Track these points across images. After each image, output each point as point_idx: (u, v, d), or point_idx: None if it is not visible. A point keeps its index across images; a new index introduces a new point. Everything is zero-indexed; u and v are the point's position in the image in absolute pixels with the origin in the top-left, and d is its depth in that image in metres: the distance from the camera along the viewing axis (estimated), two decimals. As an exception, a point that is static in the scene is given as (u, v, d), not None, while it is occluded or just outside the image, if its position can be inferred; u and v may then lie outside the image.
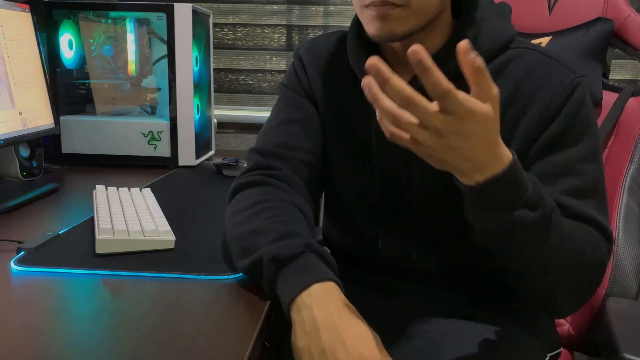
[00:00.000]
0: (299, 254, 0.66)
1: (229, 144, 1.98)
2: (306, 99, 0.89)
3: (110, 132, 1.46)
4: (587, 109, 0.76)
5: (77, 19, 1.51)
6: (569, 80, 0.75)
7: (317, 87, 0.88)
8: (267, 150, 0.85)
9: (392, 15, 0.71)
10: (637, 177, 1.05)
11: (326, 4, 1.90)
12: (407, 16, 0.71)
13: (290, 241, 0.68)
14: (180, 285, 0.71)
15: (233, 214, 0.79)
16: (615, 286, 1.03)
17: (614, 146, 1.11)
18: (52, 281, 0.71)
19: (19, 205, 1.04)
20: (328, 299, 0.62)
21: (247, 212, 0.76)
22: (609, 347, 0.83)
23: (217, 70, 1.98)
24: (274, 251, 0.67)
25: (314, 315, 0.60)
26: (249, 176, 0.83)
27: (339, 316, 0.60)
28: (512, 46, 0.79)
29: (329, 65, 0.88)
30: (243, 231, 0.74)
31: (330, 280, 0.65)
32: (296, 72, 0.91)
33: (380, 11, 0.71)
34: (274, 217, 0.73)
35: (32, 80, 1.24)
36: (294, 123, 0.87)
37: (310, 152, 0.86)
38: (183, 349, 0.55)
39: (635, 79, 1.78)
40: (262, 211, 0.75)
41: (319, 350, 0.58)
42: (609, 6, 1.13)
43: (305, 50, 0.91)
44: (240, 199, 0.80)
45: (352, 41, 0.84)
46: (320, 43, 0.91)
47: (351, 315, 0.61)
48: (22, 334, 0.58)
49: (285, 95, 0.91)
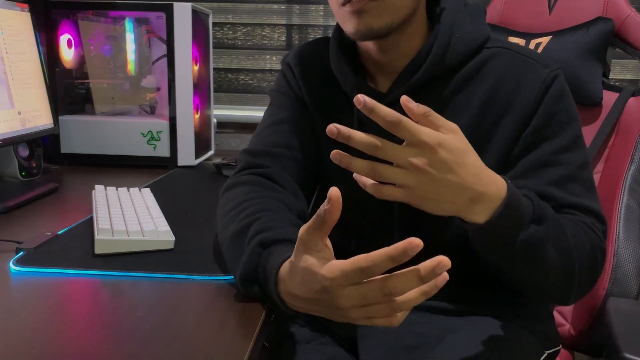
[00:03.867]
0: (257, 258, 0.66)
1: (228, 144, 1.98)
2: (296, 100, 0.90)
3: (109, 132, 1.45)
4: (566, 99, 0.77)
5: (77, 19, 1.50)
6: (545, 76, 0.76)
7: (307, 93, 0.89)
8: (257, 150, 0.86)
9: (369, 9, 0.72)
10: (638, 177, 1.05)
11: (326, 4, 1.90)
12: (383, 10, 0.73)
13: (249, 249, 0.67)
14: (180, 286, 0.71)
15: (219, 215, 0.79)
16: (616, 286, 1.02)
17: (614, 146, 1.11)
18: (51, 281, 0.71)
19: (18, 206, 1.04)
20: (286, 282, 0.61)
21: (230, 213, 0.77)
22: (609, 347, 0.83)
23: (217, 69, 1.98)
24: (242, 270, 0.67)
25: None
26: (238, 177, 0.84)
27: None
28: (486, 46, 0.81)
29: (316, 72, 0.89)
30: (224, 238, 0.74)
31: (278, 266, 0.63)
32: (286, 77, 0.92)
33: (357, 6, 0.72)
34: (251, 215, 0.73)
35: (31, 79, 1.24)
36: (283, 123, 0.89)
37: (299, 149, 0.87)
38: (183, 349, 0.55)
39: (635, 79, 1.78)
40: (243, 210, 0.75)
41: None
42: (609, 6, 1.13)
43: (292, 58, 0.92)
44: (226, 200, 0.81)
45: (334, 48, 0.86)
46: (306, 50, 0.92)
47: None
48: (22, 334, 0.57)
49: (275, 98, 0.93)
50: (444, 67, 0.78)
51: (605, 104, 1.13)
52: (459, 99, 0.79)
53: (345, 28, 0.77)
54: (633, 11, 1.12)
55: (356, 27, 0.74)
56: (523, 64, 0.78)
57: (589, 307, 1.03)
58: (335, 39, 0.86)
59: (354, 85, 0.82)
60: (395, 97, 0.79)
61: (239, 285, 0.68)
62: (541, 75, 0.76)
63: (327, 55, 0.88)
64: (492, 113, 0.77)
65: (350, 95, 0.84)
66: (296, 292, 0.59)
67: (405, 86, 0.79)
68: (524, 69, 0.78)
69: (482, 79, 0.78)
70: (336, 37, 0.86)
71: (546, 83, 0.76)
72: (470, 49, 0.79)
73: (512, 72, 0.77)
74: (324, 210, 0.53)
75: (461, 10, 0.81)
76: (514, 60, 0.79)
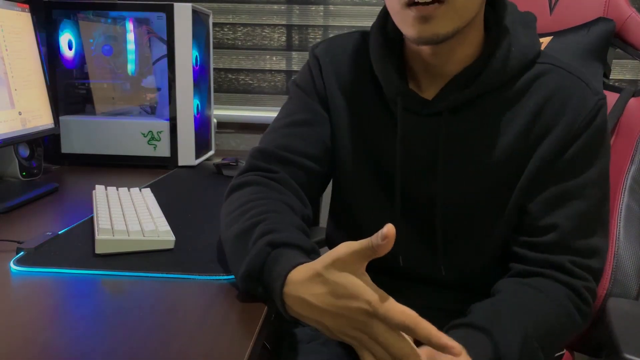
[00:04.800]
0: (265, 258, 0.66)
1: (228, 144, 1.98)
2: (318, 102, 0.86)
3: (109, 132, 1.45)
4: (606, 133, 0.77)
5: (77, 19, 1.50)
6: (592, 104, 0.75)
7: (333, 94, 0.85)
8: (268, 151, 0.83)
9: (437, 15, 0.68)
10: (638, 177, 1.05)
11: (326, 4, 1.90)
12: (452, 15, 0.68)
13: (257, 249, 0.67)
14: (180, 285, 0.71)
15: (224, 214, 0.78)
16: (616, 286, 1.02)
17: (615, 146, 1.11)
18: (51, 281, 0.71)
19: (18, 206, 1.04)
20: (300, 288, 0.61)
21: (234, 212, 0.76)
22: (609, 347, 0.83)
23: (217, 70, 1.98)
24: (246, 267, 0.66)
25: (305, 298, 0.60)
26: (245, 177, 0.82)
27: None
28: (538, 61, 0.78)
29: (349, 71, 0.84)
30: (228, 236, 0.73)
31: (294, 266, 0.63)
32: (311, 73, 0.87)
33: (425, 11, 0.67)
34: (257, 215, 0.72)
35: (31, 80, 1.24)
36: (301, 125, 0.85)
37: (312, 157, 0.84)
38: (183, 349, 0.55)
39: (636, 79, 1.78)
40: (248, 210, 0.74)
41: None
42: (610, 6, 1.13)
43: (323, 51, 0.87)
44: (231, 200, 0.80)
45: (377, 48, 0.80)
46: (339, 44, 0.86)
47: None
48: (22, 334, 0.57)
49: (296, 95, 0.88)
50: (499, 81, 0.75)
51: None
52: (506, 115, 0.76)
53: (405, 31, 0.72)
54: (634, 12, 1.12)
55: (420, 34, 0.69)
56: (572, 83, 0.76)
57: (589, 307, 1.03)
58: (379, 36, 0.80)
59: (399, 91, 0.78)
60: (442, 107, 0.77)
61: (239, 282, 0.68)
62: (589, 103, 0.74)
63: (365, 52, 0.83)
64: (537, 132, 0.76)
65: (392, 101, 0.80)
66: (311, 299, 0.59)
67: (455, 96, 0.76)
68: (572, 89, 0.76)
69: (532, 95, 0.76)
70: (381, 34, 0.80)
71: (592, 113, 0.74)
72: (524, 63, 0.76)
73: (561, 91, 0.75)
74: (378, 245, 0.54)
75: (517, 21, 0.77)
76: (564, 79, 0.76)
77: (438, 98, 0.77)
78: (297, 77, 0.89)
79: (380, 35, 0.80)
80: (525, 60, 0.76)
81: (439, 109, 0.77)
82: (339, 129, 0.85)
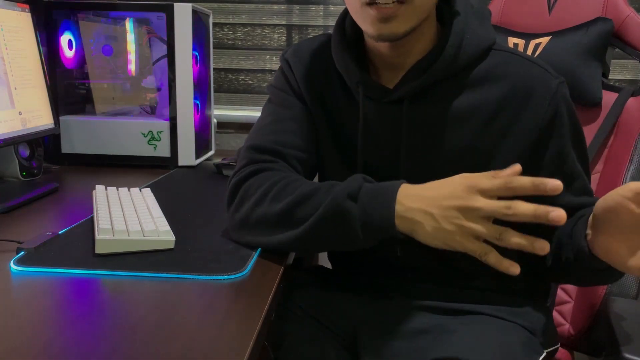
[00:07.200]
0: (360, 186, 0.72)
1: (228, 144, 1.98)
2: (296, 98, 0.90)
3: (110, 132, 1.45)
4: (573, 110, 0.81)
5: (77, 19, 1.50)
6: (555, 86, 0.78)
7: (305, 89, 0.89)
8: (262, 146, 0.85)
9: (398, 14, 0.71)
10: (637, 176, 1.05)
11: (326, 4, 1.90)
12: (411, 14, 0.72)
13: (344, 185, 0.72)
14: (180, 285, 0.71)
15: (254, 204, 0.78)
16: (616, 286, 1.03)
17: (614, 146, 1.11)
18: (51, 281, 0.71)
19: (18, 205, 1.04)
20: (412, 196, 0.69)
21: (272, 192, 0.77)
22: (609, 346, 0.83)
23: (217, 70, 1.98)
24: (341, 195, 0.71)
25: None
26: (246, 170, 0.82)
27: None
28: (495, 48, 0.82)
29: (315, 68, 0.89)
30: (285, 206, 0.75)
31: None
32: (285, 74, 0.92)
33: (386, 12, 0.71)
34: (302, 185, 0.76)
35: (31, 80, 1.24)
36: (286, 121, 0.88)
37: (304, 149, 0.87)
38: (183, 349, 0.55)
39: (635, 79, 1.78)
40: (288, 185, 0.77)
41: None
42: (608, 6, 1.13)
43: (291, 54, 0.92)
44: (249, 189, 0.80)
45: (336, 44, 0.85)
46: (306, 47, 0.91)
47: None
48: (22, 335, 0.57)
49: (275, 95, 0.92)
50: (454, 68, 0.79)
51: (605, 104, 1.13)
52: (470, 101, 0.79)
53: (365, 28, 0.76)
54: (632, 11, 1.12)
55: (379, 32, 0.74)
56: (532, 70, 0.80)
57: (589, 306, 1.04)
58: (338, 34, 0.85)
59: (360, 80, 0.82)
60: (402, 94, 0.80)
61: (327, 204, 0.71)
62: (551, 85, 0.78)
63: (328, 51, 0.87)
64: (504, 118, 0.79)
65: (355, 90, 0.84)
66: (426, 192, 0.68)
67: (413, 83, 0.79)
68: (533, 75, 0.79)
69: (495, 83, 0.79)
70: (339, 32, 0.85)
71: (557, 95, 0.78)
72: (478, 52, 0.80)
73: (523, 77, 0.79)
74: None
75: (470, 13, 0.81)
76: (523, 65, 0.80)
77: (397, 86, 0.81)
78: (273, 81, 0.94)
79: (338, 32, 0.85)
80: (479, 49, 0.80)
81: (399, 95, 0.80)
82: (317, 123, 0.89)
